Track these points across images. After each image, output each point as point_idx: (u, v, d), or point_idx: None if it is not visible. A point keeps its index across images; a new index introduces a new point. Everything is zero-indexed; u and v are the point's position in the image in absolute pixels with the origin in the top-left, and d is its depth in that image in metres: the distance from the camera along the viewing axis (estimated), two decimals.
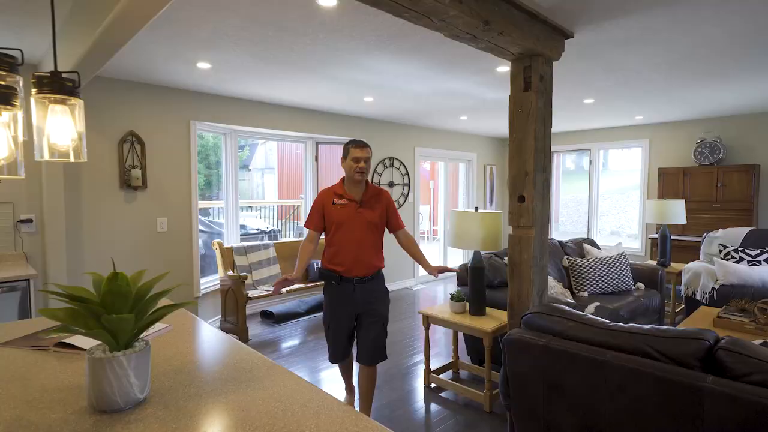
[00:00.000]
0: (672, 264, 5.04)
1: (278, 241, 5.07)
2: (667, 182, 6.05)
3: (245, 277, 4.16)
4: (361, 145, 2.46)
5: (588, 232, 7.29)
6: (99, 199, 3.65)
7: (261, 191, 13.01)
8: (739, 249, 4.61)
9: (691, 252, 5.68)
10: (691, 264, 4.61)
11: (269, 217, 8.60)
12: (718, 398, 1.41)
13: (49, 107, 0.95)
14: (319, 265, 2.70)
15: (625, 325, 1.76)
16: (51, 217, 3.26)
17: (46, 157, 0.95)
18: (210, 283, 4.67)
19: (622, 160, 7.48)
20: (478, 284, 3.03)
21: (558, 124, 6.44)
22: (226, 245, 4.62)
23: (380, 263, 2.56)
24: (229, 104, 4.46)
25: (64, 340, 1.47)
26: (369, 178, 2.58)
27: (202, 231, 4.69)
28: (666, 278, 4.81)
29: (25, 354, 1.42)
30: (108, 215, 3.71)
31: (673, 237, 5.85)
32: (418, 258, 2.63)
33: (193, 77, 3.69)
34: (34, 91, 0.94)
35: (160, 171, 3.99)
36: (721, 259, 4.63)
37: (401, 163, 6.28)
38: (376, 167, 5.94)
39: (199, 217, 4.51)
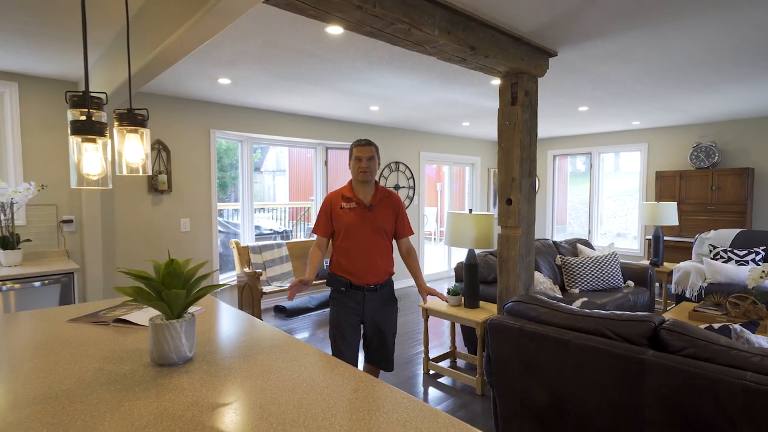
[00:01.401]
0: (665, 263, 5.27)
1: (290, 241, 5.41)
2: (664, 185, 6.27)
3: (260, 274, 4.50)
4: (362, 143, 2.34)
5: (589, 234, 7.52)
6: (130, 201, 4.03)
7: (272, 193, 13.44)
8: (728, 249, 4.83)
9: (686, 252, 5.90)
10: (681, 264, 4.85)
11: (281, 219, 8.96)
12: (656, 368, 1.69)
13: (126, 135, 1.28)
14: (327, 268, 2.60)
15: (588, 311, 2.05)
16: (89, 217, 3.63)
17: (124, 172, 1.28)
18: (227, 279, 5.03)
19: (629, 162, 7.67)
20: (472, 280, 3.33)
21: (559, 129, 6.70)
22: (242, 244, 4.97)
23: (391, 269, 2.46)
24: (245, 114, 4.83)
25: (121, 317, 1.81)
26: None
27: (219, 231, 5.06)
28: (658, 277, 5.06)
29: (90, 327, 1.76)
30: (137, 216, 4.09)
31: (668, 238, 6.08)
32: (415, 272, 2.51)
33: (215, 91, 4.05)
34: (116, 123, 1.28)
35: (183, 176, 4.37)
36: (711, 259, 4.86)
37: (406, 167, 6.59)
38: (382, 171, 6.26)
39: (218, 218, 4.87)
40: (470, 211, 3.37)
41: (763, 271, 2.95)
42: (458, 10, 2.27)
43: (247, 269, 4.65)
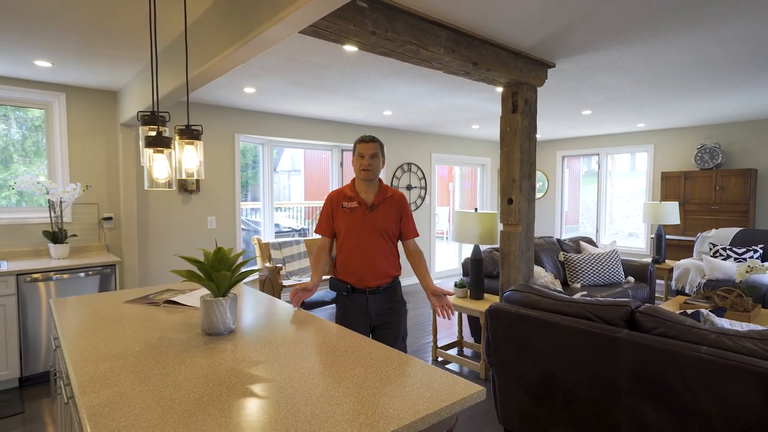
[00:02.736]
0: (667, 261, 5.46)
1: (307, 238, 5.73)
2: (669, 185, 6.43)
3: (280, 269, 4.82)
4: (366, 140, 2.25)
5: (596, 232, 7.69)
6: (162, 201, 4.39)
7: (288, 192, 13.84)
8: (728, 247, 5.01)
9: (690, 251, 6.06)
10: (681, 261, 5.04)
11: (297, 217, 9.32)
12: (629, 345, 1.95)
13: (184, 146, 1.59)
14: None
15: (574, 297, 2.31)
16: (126, 215, 3.99)
17: (184, 176, 1.59)
18: None
19: (643, 162, 7.78)
20: (477, 273, 3.59)
21: (566, 131, 6.90)
22: (263, 241, 5.30)
23: (395, 271, 2.33)
24: (267, 119, 5.16)
25: (169, 299, 2.13)
26: (388, 183, 2.66)
27: (242, 228, 5.39)
28: (660, 274, 5.25)
29: (144, 308, 2.08)
30: (169, 214, 4.44)
31: (672, 237, 6.24)
32: (422, 275, 2.33)
33: (240, 98, 4.38)
34: (176, 137, 1.59)
35: (210, 177, 4.71)
36: (710, 256, 5.03)
37: (418, 168, 6.87)
38: (395, 172, 6.54)
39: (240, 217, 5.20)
40: (476, 210, 3.63)
41: (749, 266, 3.16)
42: (462, 30, 2.54)
43: (268, 264, 4.98)
